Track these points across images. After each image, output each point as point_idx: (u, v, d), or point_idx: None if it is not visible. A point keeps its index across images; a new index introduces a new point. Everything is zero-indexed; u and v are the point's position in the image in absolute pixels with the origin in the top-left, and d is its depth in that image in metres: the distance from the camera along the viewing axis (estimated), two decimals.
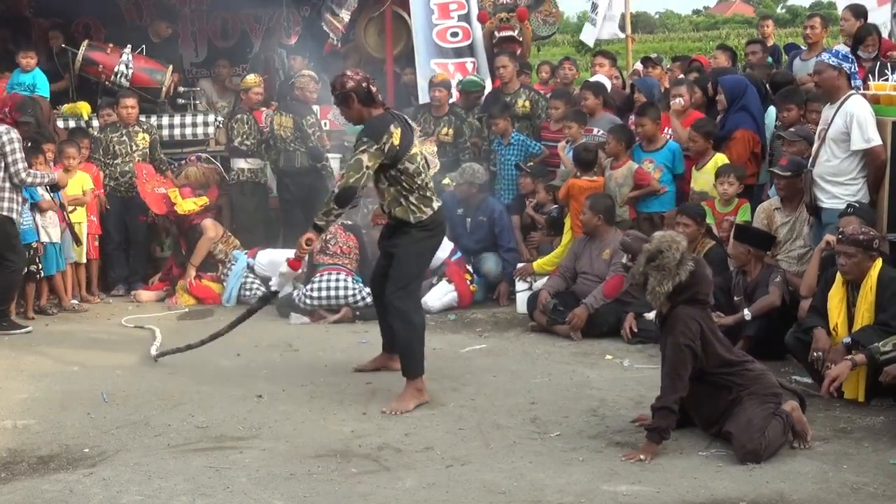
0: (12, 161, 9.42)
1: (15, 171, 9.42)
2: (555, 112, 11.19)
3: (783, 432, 6.05)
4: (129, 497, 5.64)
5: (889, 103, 7.92)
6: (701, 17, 72.16)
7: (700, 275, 6.19)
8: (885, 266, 6.95)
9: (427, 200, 7.26)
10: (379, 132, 7.05)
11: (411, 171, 7.16)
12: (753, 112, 9.60)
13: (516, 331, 9.31)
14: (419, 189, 7.21)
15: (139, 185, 10.93)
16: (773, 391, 6.19)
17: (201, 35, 14.56)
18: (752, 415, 6.01)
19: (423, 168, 7.30)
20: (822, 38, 11.45)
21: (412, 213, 7.23)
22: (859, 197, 7.78)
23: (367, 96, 7.19)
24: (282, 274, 8.00)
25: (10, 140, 9.46)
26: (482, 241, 10.58)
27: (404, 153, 7.10)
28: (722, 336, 6.36)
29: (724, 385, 6.17)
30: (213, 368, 8.15)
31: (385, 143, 7.01)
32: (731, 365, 6.19)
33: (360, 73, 7.32)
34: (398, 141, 7.05)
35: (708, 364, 6.13)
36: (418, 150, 7.30)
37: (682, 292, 6.13)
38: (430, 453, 6.21)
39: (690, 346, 6.04)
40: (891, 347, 6.39)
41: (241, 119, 11.61)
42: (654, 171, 9.85)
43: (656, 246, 6.20)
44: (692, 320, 6.08)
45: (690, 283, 6.12)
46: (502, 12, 12.76)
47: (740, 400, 6.11)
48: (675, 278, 6.09)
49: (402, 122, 7.25)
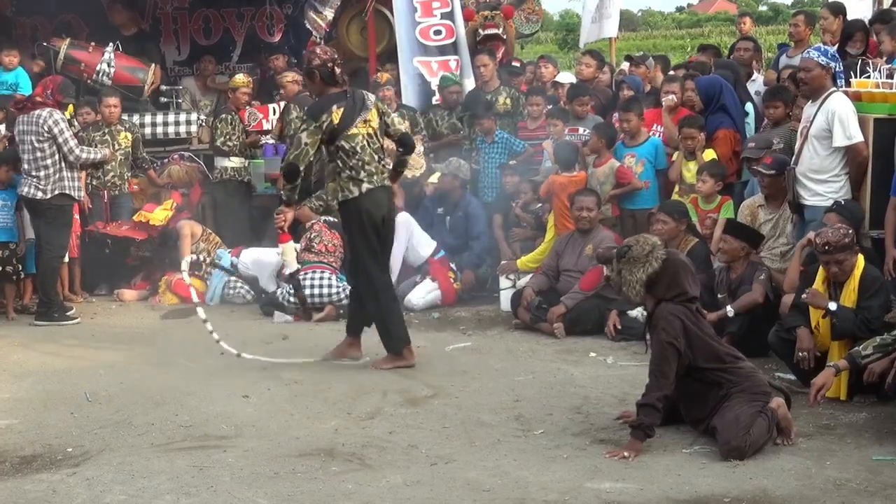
0: (63, 141, 9.73)
1: (69, 150, 9.76)
2: (535, 108, 11.19)
3: (768, 430, 6.06)
4: (113, 496, 5.62)
5: (870, 100, 7.95)
6: (683, 14, 72.30)
7: (675, 263, 6.22)
8: (867, 264, 6.98)
9: (357, 182, 7.66)
10: (319, 111, 7.65)
11: (347, 149, 7.60)
12: (731, 111, 9.63)
13: (500, 329, 9.32)
14: (352, 169, 7.64)
15: (111, 231, 10.93)
16: (762, 390, 6.20)
17: (184, 33, 14.50)
18: (740, 412, 6.02)
19: (363, 151, 7.64)
20: (808, 35, 11.52)
21: (340, 192, 7.72)
22: (842, 194, 7.81)
23: (328, 75, 7.73)
24: (281, 254, 8.36)
25: (56, 122, 9.73)
26: (462, 238, 10.63)
27: (341, 132, 7.56)
28: (713, 333, 6.38)
29: (715, 381, 6.18)
30: (196, 367, 8.14)
31: (324, 121, 7.58)
32: (721, 361, 6.20)
33: (329, 54, 7.87)
34: (338, 119, 7.59)
35: (696, 360, 6.14)
36: (362, 133, 7.65)
37: (660, 284, 6.17)
38: (414, 451, 6.20)
39: (673, 344, 6.06)
40: (871, 351, 6.41)
41: (225, 119, 11.59)
42: (636, 166, 9.88)
43: (625, 244, 6.39)
44: (674, 317, 6.11)
45: (664, 273, 6.16)
46: (486, 10, 12.76)
47: (729, 396, 6.12)
48: (645, 266, 6.16)
49: (353, 103, 7.66)
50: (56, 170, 9.71)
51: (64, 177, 9.75)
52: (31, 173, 9.71)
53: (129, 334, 9.37)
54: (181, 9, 14.36)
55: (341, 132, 7.60)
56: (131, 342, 9.06)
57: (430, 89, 12.21)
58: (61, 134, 9.68)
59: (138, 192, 11.44)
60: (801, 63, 8.26)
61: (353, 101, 7.70)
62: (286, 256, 8.30)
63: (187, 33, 14.48)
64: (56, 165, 9.71)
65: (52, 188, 9.70)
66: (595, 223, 9.30)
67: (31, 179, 9.71)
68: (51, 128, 9.64)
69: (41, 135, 9.65)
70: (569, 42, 52.74)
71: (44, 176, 9.68)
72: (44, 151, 9.68)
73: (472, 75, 12.17)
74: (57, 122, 9.68)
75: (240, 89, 11.72)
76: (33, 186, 9.70)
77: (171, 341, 8.99)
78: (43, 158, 9.67)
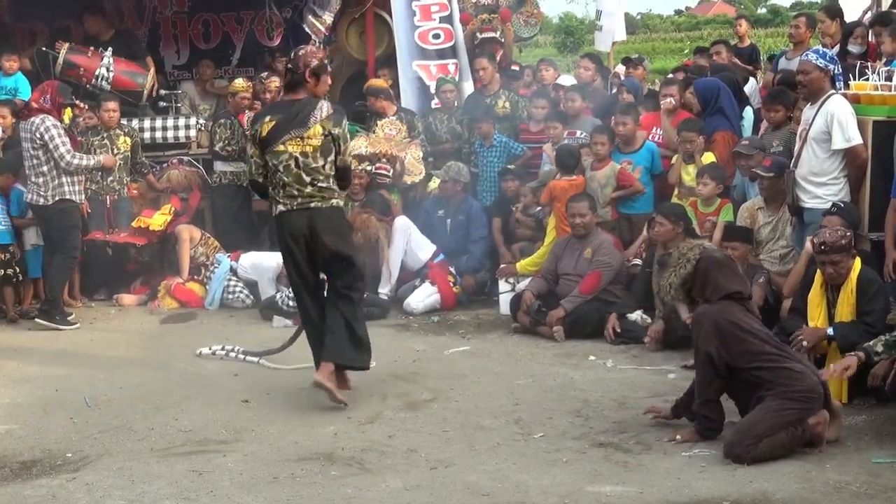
0: (53, 147, 9.71)
1: (59, 156, 9.73)
2: (539, 111, 11.20)
3: (788, 445, 5.93)
4: (113, 502, 5.63)
5: (869, 103, 7.95)
6: (682, 17, 72.33)
7: (707, 261, 6.20)
8: (864, 267, 6.96)
9: (274, 201, 7.27)
10: (255, 120, 7.37)
11: (270, 165, 7.19)
12: (728, 113, 9.65)
13: (499, 332, 9.31)
14: (273, 187, 7.23)
15: (112, 239, 10.92)
16: (803, 395, 5.97)
17: (183, 37, 14.51)
18: (759, 419, 5.94)
19: (286, 171, 7.10)
20: (808, 37, 11.54)
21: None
22: (841, 196, 7.80)
23: (288, 82, 7.27)
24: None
25: (47, 129, 9.70)
26: (463, 241, 10.63)
27: (267, 146, 7.15)
28: (758, 329, 6.16)
29: (753, 381, 6.07)
30: (196, 372, 8.14)
31: (256, 131, 7.21)
32: (760, 360, 6.04)
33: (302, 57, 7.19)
34: (265, 133, 7.14)
35: (732, 360, 6.06)
36: (290, 151, 7.07)
37: (695, 286, 6.17)
38: (413, 455, 6.21)
39: (705, 350, 6.05)
40: (881, 349, 6.40)
41: (223, 123, 11.58)
42: (633, 172, 9.89)
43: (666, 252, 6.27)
44: (706, 320, 6.09)
45: (697, 274, 6.15)
46: (484, 13, 12.76)
47: (763, 399, 6.00)
48: (678, 270, 6.18)
49: (290, 117, 7.10)
50: (53, 176, 9.73)
51: (63, 182, 9.76)
52: (32, 179, 9.76)
53: (128, 339, 9.36)
54: (180, 13, 14.35)
55: (267, 147, 7.13)
56: (131, 347, 9.06)
57: (430, 93, 12.20)
58: (52, 140, 9.67)
59: (137, 196, 11.43)
60: (799, 65, 8.25)
61: (291, 115, 7.11)
62: None
63: (186, 37, 14.47)
64: (52, 172, 9.73)
65: (52, 194, 9.71)
66: (590, 228, 9.28)
67: (32, 185, 9.77)
68: (42, 134, 9.65)
69: (34, 142, 9.68)
70: (568, 45, 52.78)
71: (42, 182, 9.70)
72: (39, 158, 9.71)
73: (471, 79, 12.17)
74: (48, 128, 9.67)
75: (239, 94, 11.71)
76: (35, 193, 9.74)
77: (171, 346, 8.99)
78: (39, 165, 9.70)
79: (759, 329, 6.20)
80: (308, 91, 7.19)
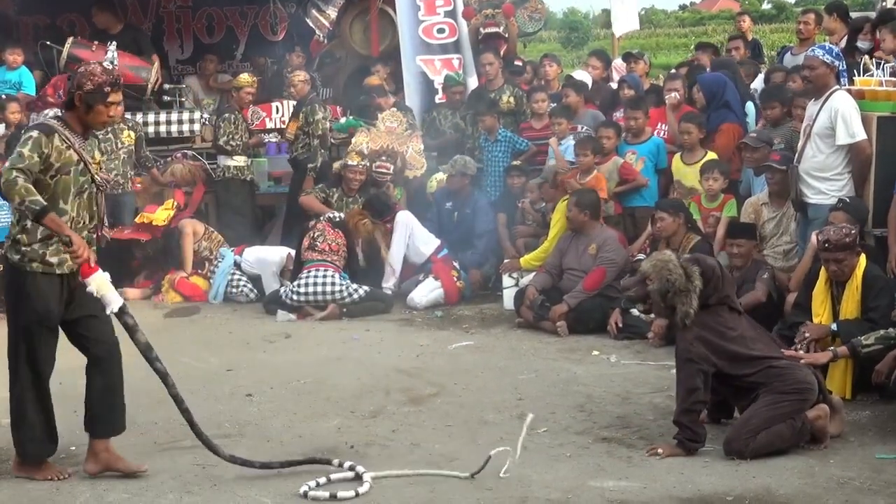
0: None
1: None
2: (541, 104, 11.18)
3: (789, 438, 5.93)
4: (116, 495, 5.63)
5: (874, 98, 7.95)
6: (686, 12, 72.22)
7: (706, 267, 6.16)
8: (869, 263, 6.95)
9: None
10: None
11: None
12: (734, 107, 9.66)
13: (503, 327, 9.31)
14: None
15: (114, 236, 10.90)
16: (797, 387, 5.99)
17: (187, 32, 14.52)
18: (753, 414, 5.96)
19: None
20: (815, 33, 11.54)
21: None
22: (845, 192, 7.79)
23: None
24: (95, 291, 6.47)
25: None
26: (468, 234, 10.63)
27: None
28: (737, 335, 6.13)
29: (747, 388, 6.08)
30: (199, 366, 8.14)
31: None
32: (749, 366, 6.05)
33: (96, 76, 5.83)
34: None
35: (722, 368, 6.04)
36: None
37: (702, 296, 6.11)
38: (416, 450, 6.21)
39: (689, 359, 6.00)
40: (872, 341, 6.42)
41: (228, 118, 11.57)
42: (636, 163, 9.90)
43: (658, 279, 6.12)
44: (686, 330, 6.06)
45: (706, 284, 6.09)
46: (488, 8, 12.76)
47: (757, 398, 6.02)
48: (695, 290, 6.04)
49: None
50: None
51: None
52: None
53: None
54: (184, 7, 14.38)
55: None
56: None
57: (433, 88, 12.20)
58: None
59: (141, 190, 11.43)
60: (805, 61, 8.25)
61: None
62: (102, 291, 6.37)
63: (190, 32, 14.50)
64: None
65: None
66: (584, 224, 9.26)
67: None
68: None
69: None
70: (572, 40, 52.76)
71: None
72: None
73: (475, 74, 12.16)
74: None
75: (244, 88, 11.70)
76: None
77: (175, 340, 8.98)
78: None
79: (739, 334, 6.15)
80: (77, 118, 5.92)
